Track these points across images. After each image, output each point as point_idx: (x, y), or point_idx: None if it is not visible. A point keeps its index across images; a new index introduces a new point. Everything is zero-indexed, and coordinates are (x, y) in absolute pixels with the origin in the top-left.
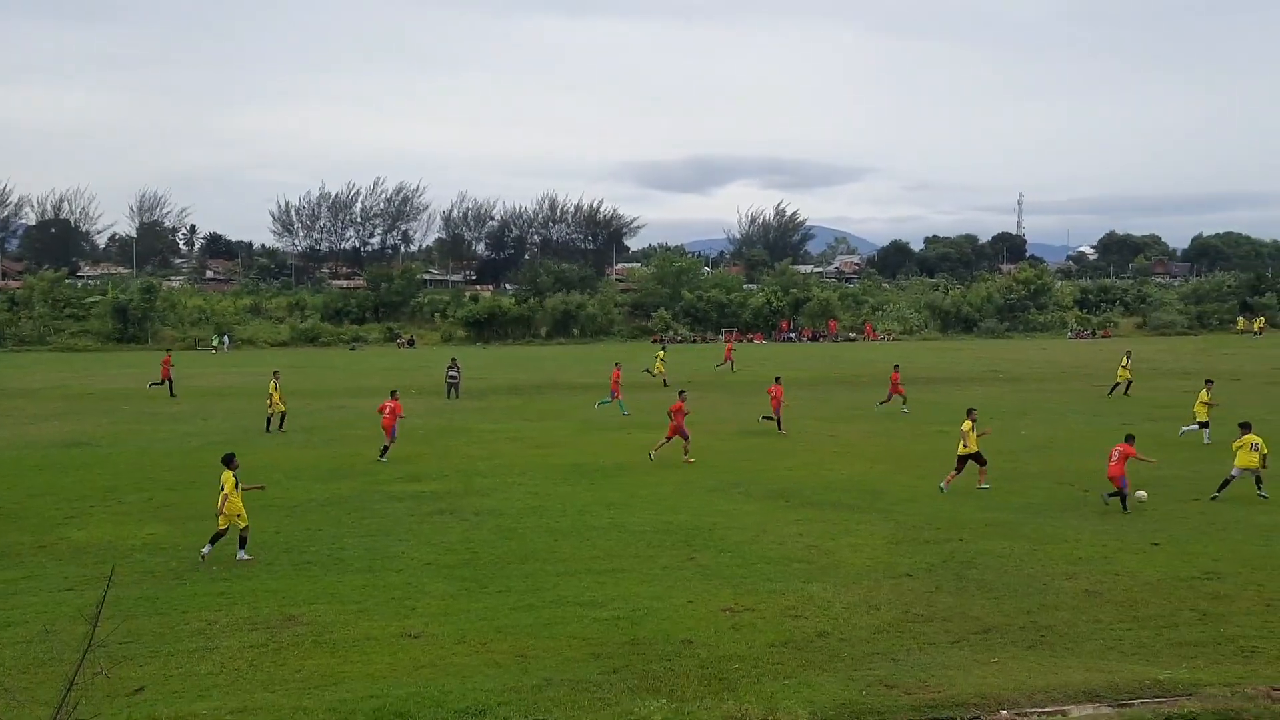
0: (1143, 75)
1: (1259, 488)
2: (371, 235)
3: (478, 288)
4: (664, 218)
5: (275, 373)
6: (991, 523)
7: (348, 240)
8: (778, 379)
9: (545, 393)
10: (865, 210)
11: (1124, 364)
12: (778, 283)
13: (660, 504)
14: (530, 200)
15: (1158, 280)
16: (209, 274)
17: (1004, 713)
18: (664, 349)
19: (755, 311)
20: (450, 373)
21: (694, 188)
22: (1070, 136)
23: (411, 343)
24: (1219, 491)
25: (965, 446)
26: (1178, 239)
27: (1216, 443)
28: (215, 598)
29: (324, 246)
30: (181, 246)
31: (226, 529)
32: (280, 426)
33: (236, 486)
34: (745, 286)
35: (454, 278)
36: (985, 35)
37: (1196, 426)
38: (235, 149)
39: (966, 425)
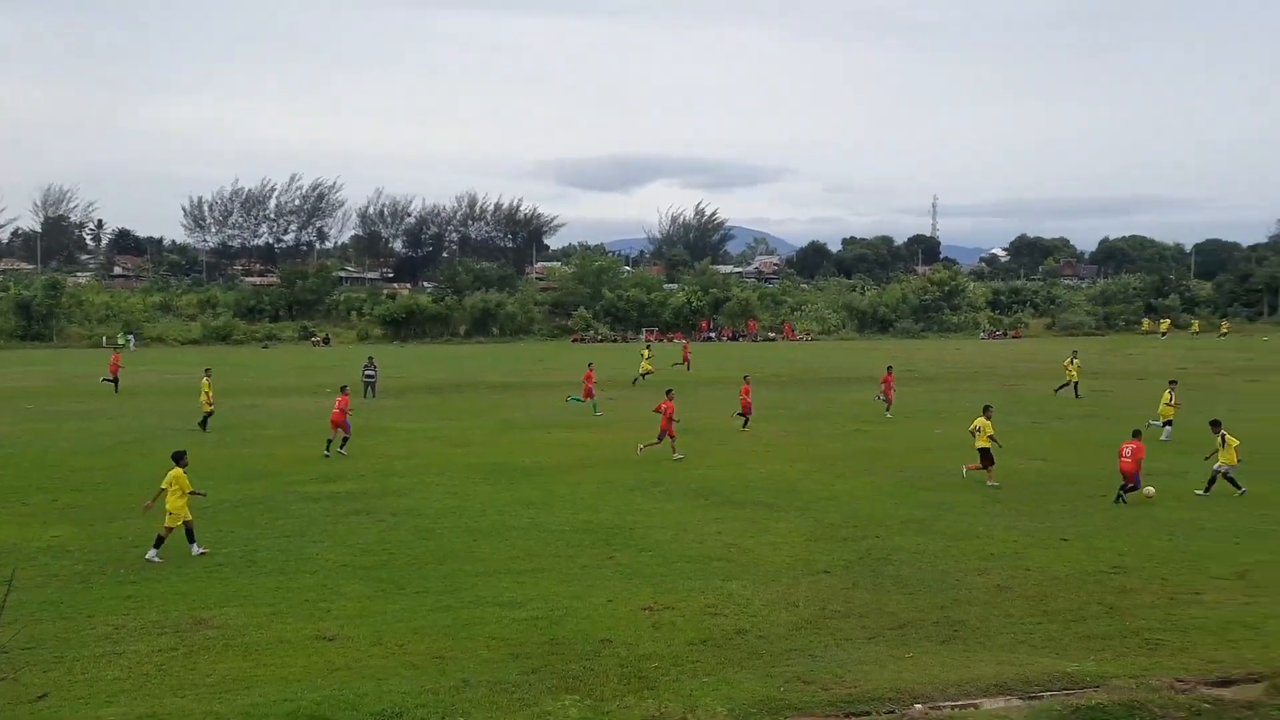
0: (1055, 82)
1: (1236, 485)
2: (286, 232)
3: (395, 286)
4: (584, 216)
5: (207, 370)
6: (907, 520)
7: (261, 236)
8: (746, 377)
9: (464, 391)
10: (785, 211)
11: (1069, 363)
12: (698, 282)
13: (580, 503)
14: (449, 198)
15: (1066, 282)
16: (117, 270)
17: (918, 706)
18: (649, 348)
19: (675, 311)
20: (367, 371)
21: (615, 187)
22: (983, 141)
23: (327, 341)
24: (1208, 490)
25: (985, 441)
26: (1086, 242)
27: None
28: (123, 601)
29: (236, 243)
30: (88, 242)
31: (189, 521)
32: (204, 425)
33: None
34: (665, 286)
35: (370, 275)
36: (902, 41)
37: (1162, 424)
38: (145, 143)
39: (981, 421)
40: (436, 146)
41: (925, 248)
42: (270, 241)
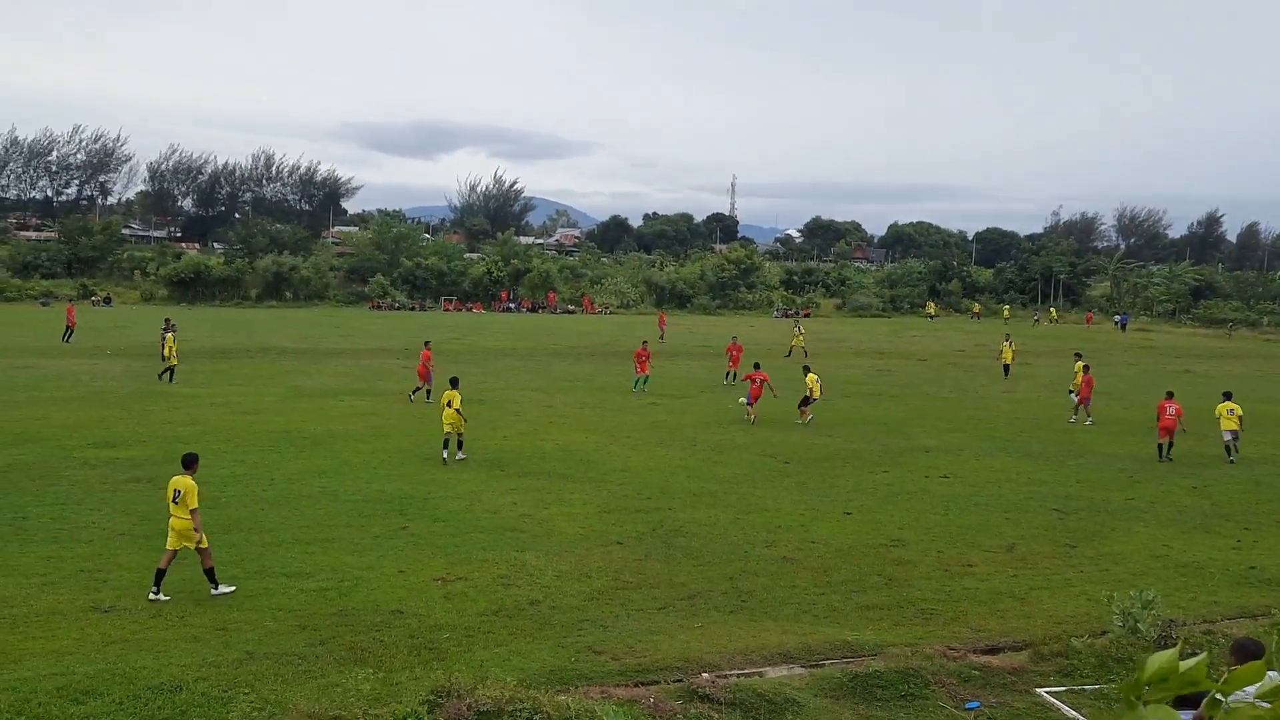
0: (845, 70)
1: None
2: (67, 185)
3: (183, 245)
4: (387, 181)
5: (168, 321)
6: (699, 492)
7: (39, 189)
8: (734, 338)
9: (254, 357)
10: (588, 184)
11: (1006, 345)
12: (499, 253)
13: (373, 472)
14: (245, 157)
15: (857, 264)
16: None
17: (705, 675)
18: (799, 323)
19: (475, 281)
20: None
21: (419, 152)
22: (783, 124)
23: (108, 300)
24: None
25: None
26: (876, 226)
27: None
28: None
29: (12, 195)
30: None
31: None
32: (170, 378)
33: None
34: (466, 255)
35: (157, 234)
36: (707, 20)
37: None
38: None
39: (811, 378)
40: (235, 103)
41: (723, 226)
42: (50, 194)
